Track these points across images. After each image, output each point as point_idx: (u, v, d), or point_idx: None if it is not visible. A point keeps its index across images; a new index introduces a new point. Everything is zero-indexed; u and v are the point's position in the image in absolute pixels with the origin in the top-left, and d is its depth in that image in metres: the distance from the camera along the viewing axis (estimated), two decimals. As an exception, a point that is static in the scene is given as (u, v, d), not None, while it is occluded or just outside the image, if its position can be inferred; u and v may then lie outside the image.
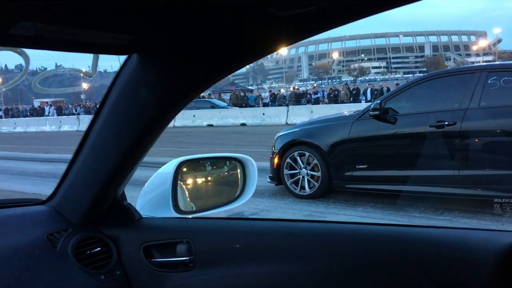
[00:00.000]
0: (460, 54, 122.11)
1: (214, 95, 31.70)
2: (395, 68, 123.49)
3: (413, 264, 1.00)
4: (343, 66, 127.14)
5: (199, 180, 1.46)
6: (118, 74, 1.02)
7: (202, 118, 22.29)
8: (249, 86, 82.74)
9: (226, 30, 0.83)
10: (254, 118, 21.49)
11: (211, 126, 21.71)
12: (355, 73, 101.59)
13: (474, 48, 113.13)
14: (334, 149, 5.45)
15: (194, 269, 1.19)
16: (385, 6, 0.72)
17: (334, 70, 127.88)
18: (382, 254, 1.04)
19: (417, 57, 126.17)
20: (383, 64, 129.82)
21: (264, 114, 21.75)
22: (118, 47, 0.89)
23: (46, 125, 27.09)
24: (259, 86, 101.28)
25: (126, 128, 1.06)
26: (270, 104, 28.41)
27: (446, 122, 4.75)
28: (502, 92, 4.65)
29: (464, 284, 0.95)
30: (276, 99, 28.81)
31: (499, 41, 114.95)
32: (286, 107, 22.19)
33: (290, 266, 1.10)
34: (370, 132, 5.34)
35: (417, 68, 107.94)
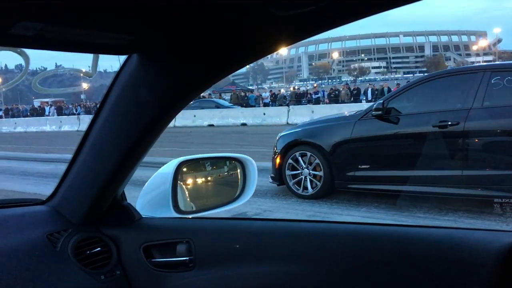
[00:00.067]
0: (460, 54, 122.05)
1: (215, 95, 31.68)
2: (395, 68, 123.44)
3: (413, 264, 1.00)
4: (343, 66, 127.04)
5: (199, 180, 1.47)
6: (118, 74, 1.02)
7: (202, 118, 22.29)
8: (249, 86, 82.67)
9: (226, 30, 0.83)
10: (255, 118, 21.47)
11: (212, 126, 21.71)
12: (355, 73, 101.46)
13: (474, 48, 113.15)
14: (336, 149, 5.44)
15: (194, 269, 1.19)
16: (385, 6, 0.72)
17: (334, 70, 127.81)
18: (382, 254, 1.04)
19: (417, 57, 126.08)
20: (383, 64, 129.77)
21: (264, 114, 21.74)
22: (118, 47, 0.89)
23: (47, 125, 27.11)
24: (259, 86, 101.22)
25: (126, 128, 1.06)
26: (270, 104, 28.37)
27: (449, 122, 4.74)
28: (505, 92, 4.64)
29: (464, 284, 0.94)
30: (276, 99, 28.78)
31: (499, 41, 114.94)
32: (287, 107, 22.14)
33: (290, 266, 1.10)
34: (373, 132, 5.32)
35: (417, 68, 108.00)
